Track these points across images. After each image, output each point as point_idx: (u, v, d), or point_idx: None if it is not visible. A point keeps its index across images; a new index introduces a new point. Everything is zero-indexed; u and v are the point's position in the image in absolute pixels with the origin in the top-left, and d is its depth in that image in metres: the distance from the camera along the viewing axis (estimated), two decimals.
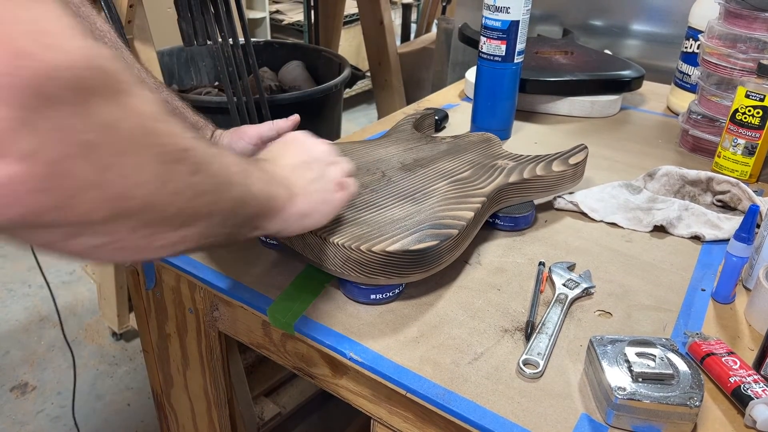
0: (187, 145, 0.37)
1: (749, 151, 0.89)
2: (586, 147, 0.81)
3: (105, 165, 0.31)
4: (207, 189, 0.40)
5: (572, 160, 0.78)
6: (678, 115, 1.10)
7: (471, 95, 1.09)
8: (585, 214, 0.80)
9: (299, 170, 0.55)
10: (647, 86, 1.27)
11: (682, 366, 0.51)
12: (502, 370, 0.55)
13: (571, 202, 0.81)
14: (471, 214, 0.65)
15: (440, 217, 0.64)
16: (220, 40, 1.34)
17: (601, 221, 0.79)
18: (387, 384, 0.55)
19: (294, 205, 0.52)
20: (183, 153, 0.37)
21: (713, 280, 0.68)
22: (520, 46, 0.93)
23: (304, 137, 0.60)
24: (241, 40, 1.45)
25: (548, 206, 0.82)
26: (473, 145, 0.83)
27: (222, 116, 1.47)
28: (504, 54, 0.93)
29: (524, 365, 0.55)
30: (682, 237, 0.76)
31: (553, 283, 0.66)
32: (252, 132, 0.74)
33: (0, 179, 0.27)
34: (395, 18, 3.15)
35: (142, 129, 0.33)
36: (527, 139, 1.03)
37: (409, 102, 2.18)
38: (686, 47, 1.13)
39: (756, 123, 0.86)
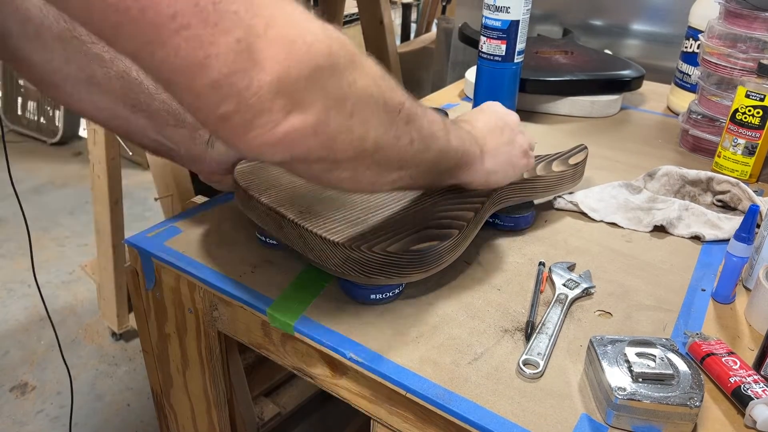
0: (402, 99, 0.47)
1: (749, 150, 0.89)
2: (586, 147, 0.81)
3: (351, 113, 0.42)
4: (418, 137, 0.49)
5: (572, 160, 0.78)
6: (678, 114, 1.10)
7: (471, 95, 1.09)
8: (585, 214, 0.80)
9: (492, 133, 0.64)
10: (647, 86, 1.27)
11: (682, 366, 0.51)
12: (502, 370, 0.55)
13: (571, 202, 0.81)
14: (471, 215, 0.65)
15: (440, 217, 0.64)
16: None
17: (601, 221, 0.79)
18: (387, 384, 0.54)
19: (484, 162, 0.62)
20: (400, 105, 0.47)
21: (713, 280, 0.68)
22: (520, 45, 0.93)
23: (500, 107, 0.68)
24: None
25: (548, 206, 0.82)
26: None
27: None
28: (504, 54, 0.93)
29: (524, 365, 0.55)
30: (682, 237, 0.76)
31: (553, 283, 0.66)
32: None
33: (291, 127, 0.39)
34: (395, 18, 3.15)
35: (372, 85, 0.44)
36: None
37: None
38: (686, 47, 1.13)
39: (756, 123, 0.86)
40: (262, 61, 0.36)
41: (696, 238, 0.76)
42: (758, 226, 0.69)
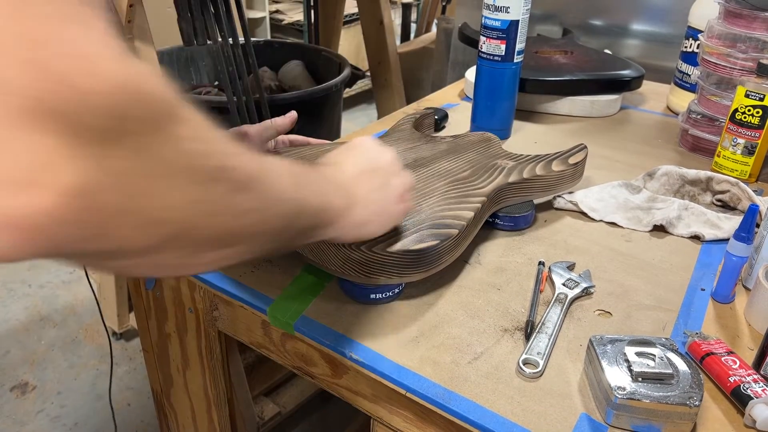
0: (232, 163, 0.35)
1: (749, 150, 0.89)
2: (585, 147, 0.81)
3: (138, 192, 0.29)
4: (252, 207, 0.37)
5: (572, 160, 0.78)
6: (678, 114, 1.10)
7: (471, 95, 1.09)
8: (585, 214, 0.80)
9: (362, 178, 0.54)
10: (647, 86, 1.27)
11: (681, 366, 0.51)
12: (501, 369, 0.55)
13: (570, 202, 0.81)
14: (471, 214, 0.65)
15: (440, 216, 0.64)
16: (220, 39, 1.34)
17: (601, 221, 0.79)
18: (387, 384, 0.55)
19: (351, 215, 0.51)
20: (226, 172, 0.34)
21: (713, 279, 0.68)
22: (519, 45, 0.93)
23: (372, 144, 0.58)
24: (241, 39, 1.45)
25: (548, 206, 0.82)
26: (473, 145, 0.83)
27: (222, 116, 1.47)
28: (504, 54, 0.93)
29: (524, 365, 0.55)
30: (682, 236, 0.76)
31: (552, 283, 0.66)
32: (252, 132, 0.74)
33: (27, 212, 0.25)
34: (395, 18, 3.15)
35: (185, 154, 0.31)
36: (527, 139, 1.03)
37: (409, 102, 2.18)
38: (686, 47, 1.13)
39: (755, 122, 0.86)
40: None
41: (696, 237, 0.76)
42: (758, 226, 0.69)
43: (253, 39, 1.98)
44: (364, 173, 0.54)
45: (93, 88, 0.26)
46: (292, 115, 0.77)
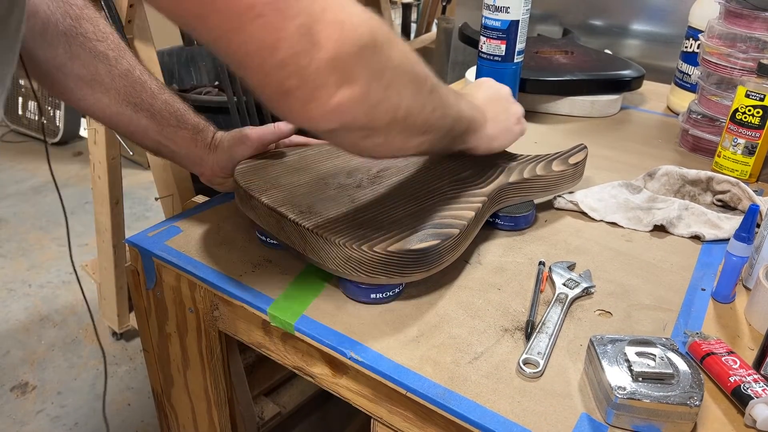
0: (426, 72, 0.53)
1: (749, 150, 0.89)
2: (585, 147, 0.81)
3: (388, 85, 0.48)
4: (439, 105, 0.56)
5: (572, 160, 0.78)
6: (678, 114, 1.10)
7: None
8: (585, 214, 0.80)
9: (490, 103, 0.72)
10: (647, 86, 1.27)
11: (682, 365, 0.51)
12: (502, 369, 0.55)
13: (571, 202, 0.81)
14: (472, 214, 0.65)
15: (441, 216, 0.64)
16: None
17: (601, 221, 0.79)
18: (387, 383, 0.55)
19: (487, 128, 0.69)
20: (425, 77, 0.53)
21: (713, 279, 0.68)
22: (519, 45, 0.93)
23: (493, 82, 0.77)
24: None
25: (548, 206, 0.82)
26: None
27: (222, 116, 1.47)
28: (504, 54, 0.93)
29: (524, 365, 0.55)
30: (682, 236, 0.76)
31: (553, 283, 0.66)
32: (253, 136, 0.75)
33: (342, 98, 0.44)
34: (395, 18, 3.15)
35: (404, 61, 0.49)
36: (527, 139, 1.03)
37: None
38: (686, 47, 1.13)
39: (756, 122, 0.86)
40: (320, 42, 0.42)
41: (696, 237, 0.76)
42: (758, 226, 0.69)
43: None
44: (491, 100, 0.73)
45: (363, 27, 0.44)
46: None
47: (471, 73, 1.20)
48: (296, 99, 0.44)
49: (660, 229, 0.77)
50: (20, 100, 2.92)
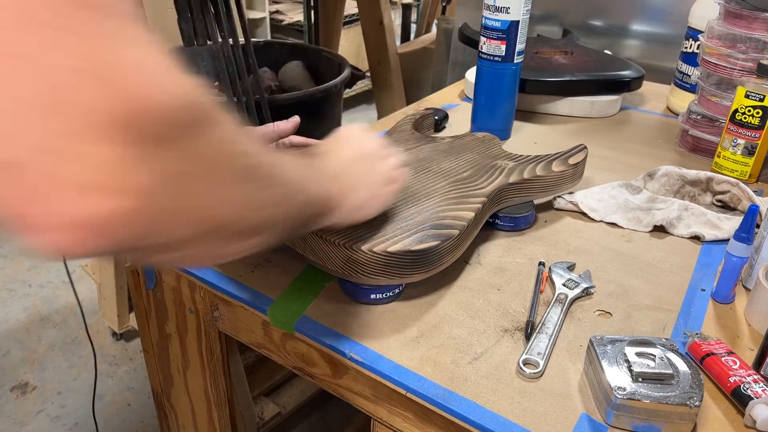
0: (257, 161, 0.39)
1: (749, 151, 0.89)
2: (585, 147, 0.81)
3: (190, 192, 0.33)
4: (274, 201, 0.42)
5: (572, 160, 0.78)
6: (678, 115, 1.10)
7: (471, 95, 1.09)
8: (585, 214, 0.80)
9: (351, 165, 0.57)
10: (647, 86, 1.27)
11: (681, 366, 0.51)
12: (502, 369, 0.55)
13: (571, 202, 0.81)
14: (472, 215, 0.65)
15: (441, 217, 0.64)
16: (220, 40, 1.35)
17: (601, 221, 0.79)
18: (387, 384, 0.55)
19: (347, 201, 0.54)
20: (254, 171, 0.39)
21: (713, 280, 0.68)
22: (520, 46, 0.93)
23: (357, 131, 0.62)
24: (241, 40, 1.46)
25: (548, 206, 0.82)
26: (473, 145, 0.83)
27: None
28: (504, 54, 0.93)
29: (524, 365, 0.55)
30: (682, 237, 0.76)
31: (553, 283, 0.66)
32: (254, 135, 0.74)
33: (100, 214, 0.28)
34: (395, 18, 3.15)
35: (221, 155, 0.35)
36: (527, 139, 1.03)
37: (409, 102, 2.18)
38: (686, 47, 1.13)
39: (756, 123, 0.87)
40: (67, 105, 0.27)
41: (696, 238, 0.76)
42: (758, 226, 0.69)
43: (253, 39, 1.98)
44: (352, 160, 0.57)
45: (153, 100, 0.29)
46: (295, 120, 0.77)
47: (471, 73, 1.20)
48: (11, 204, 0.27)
49: (660, 230, 0.77)
50: None
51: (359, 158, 0.58)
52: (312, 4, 2.40)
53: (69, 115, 0.26)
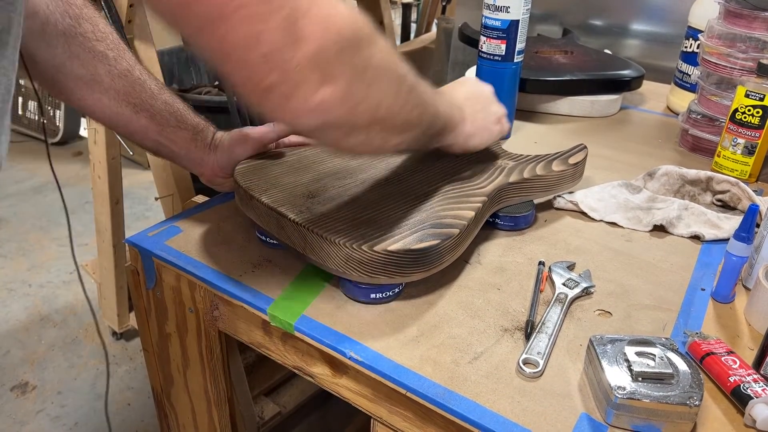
0: (406, 70, 0.53)
1: (749, 150, 0.89)
2: (585, 147, 0.81)
3: (370, 84, 0.48)
4: (418, 103, 0.56)
5: (572, 160, 0.78)
6: (678, 114, 1.10)
7: None
8: (585, 214, 0.80)
9: (469, 101, 0.72)
10: (647, 86, 1.27)
11: (681, 365, 0.51)
12: (501, 369, 0.55)
13: (571, 202, 0.81)
14: (472, 214, 0.65)
15: (441, 216, 0.64)
16: None
17: (601, 221, 0.79)
18: (387, 383, 0.55)
19: (464, 126, 0.69)
20: (404, 76, 0.53)
21: (713, 279, 0.68)
22: (520, 45, 0.93)
23: (474, 80, 0.78)
24: None
25: (548, 206, 0.82)
26: None
27: (222, 116, 1.47)
28: (504, 53, 0.93)
29: (524, 364, 0.55)
30: (682, 236, 0.76)
31: (552, 283, 0.66)
32: (253, 135, 0.75)
33: (323, 96, 0.44)
34: (395, 18, 3.15)
35: (385, 60, 0.49)
36: (527, 139, 1.03)
37: None
38: (686, 47, 1.13)
39: (756, 122, 0.86)
40: (303, 38, 0.41)
41: (696, 237, 0.76)
42: (758, 226, 0.69)
43: None
44: (470, 98, 0.73)
45: (346, 25, 0.44)
46: None
47: (471, 72, 1.20)
48: (277, 95, 0.44)
49: (660, 229, 0.77)
50: (20, 100, 2.92)
51: (476, 97, 0.74)
52: None
53: (304, 47, 0.42)
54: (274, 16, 0.40)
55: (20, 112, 2.92)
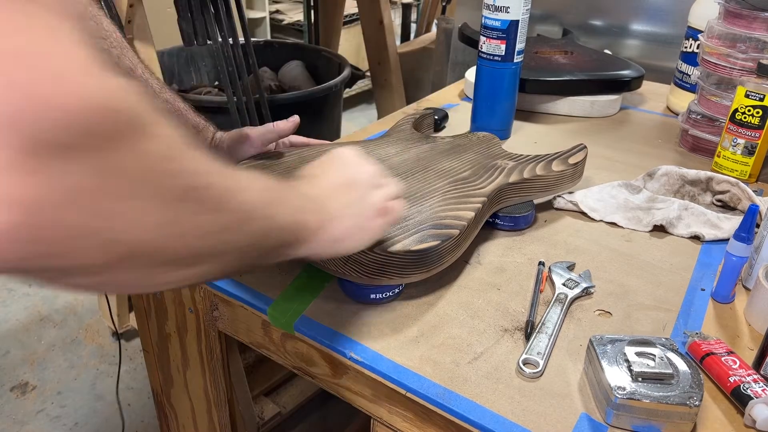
0: (202, 182, 0.34)
1: (749, 150, 0.89)
2: (585, 147, 0.81)
3: (103, 212, 0.28)
4: (221, 228, 0.37)
5: (572, 160, 0.78)
6: (678, 114, 1.10)
7: (471, 95, 1.09)
8: (585, 214, 0.80)
9: (338, 192, 0.52)
10: (647, 86, 1.27)
11: (681, 365, 0.51)
12: (501, 369, 0.55)
13: (570, 202, 0.81)
14: (472, 214, 0.65)
15: (441, 217, 0.64)
16: (220, 40, 1.35)
17: (601, 221, 0.79)
18: (387, 383, 0.55)
19: (325, 231, 0.49)
20: (194, 192, 0.34)
21: (713, 279, 0.68)
22: (519, 45, 0.93)
23: (352, 156, 0.56)
24: (241, 40, 1.46)
25: (548, 206, 0.82)
26: (473, 145, 0.83)
27: (222, 116, 1.47)
28: (504, 54, 0.93)
29: (524, 365, 0.55)
30: (682, 237, 0.76)
31: (552, 283, 0.66)
32: (253, 136, 0.75)
33: None
34: (395, 18, 3.15)
35: (149, 173, 0.30)
36: (527, 139, 1.03)
37: (409, 102, 2.18)
38: (686, 47, 1.13)
39: (756, 123, 0.87)
40: None
41: (696, 237, 0.76)
42: (758, 226, 0.69)
43: (253, 39, 1.98)
44: (340, 187, 0.53)
45: (55, 103, 0.25)
46: (295, 119, 0.77)
47: (471, 72, 1.20)
48: None
49: (660, 230, 0.77)
50: None
51: (349, 185, 0.53)
52: (312, 3, 2.40)
53: None
54: None
55: None
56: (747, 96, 0.86)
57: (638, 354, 0.52)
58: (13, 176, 0.24)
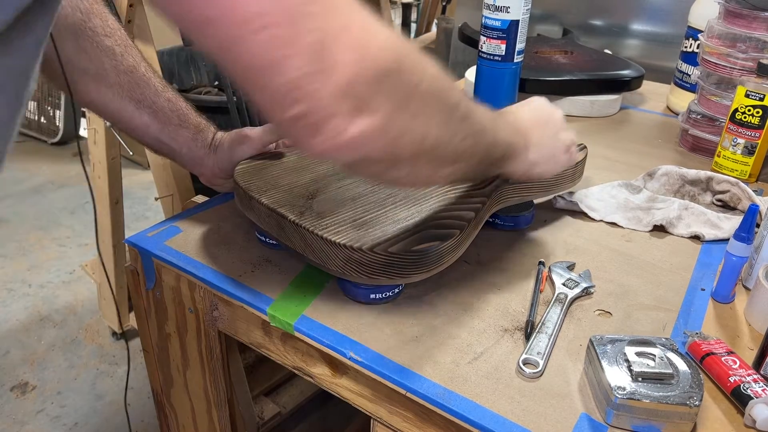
0: (458, 97, 0.48)
1: (749, 150, 0.89)
2: (585, 147, 0.81)
3: (414, 114, 0.43)
4: (471, 133, 0.50)
5: None
6: (678, 114, 1.10)
7: (471, 95, 1.09)
8: (585, 214, 0.80)
9: (537, 126, 0.64)
10: (647, 86, 1.27)
11: (681, 365, 0.51)
12: (501, 369, 0.55)
13: (570, 202, 0.81)
14: (472, 214, 0.65)
15: (441, 217, 0.64)
16: None
17: (601, 221, 0.79)
18: (387, 383, 0.55)
19: (528, 153, 0.62)
20: (457, 104, 0.48)
21: (713, 279, 0.68)
22: (519, 45, 0.93)
23: (544, 102, 0.69)
24: None
25: (548, 206, 0.82)
26: None
27: (222, 116, 1.47)
28: (504, 53, 0.93)
29: (524, 365, 0.55)
30: (682, 236, 0.76)
31: (552, 283, 0.66)
32: (253, 136, 0.75)
33: (358, 130, 0.40)
34: (395, 18, 3.15)
35: (433, 87, 0.45)
36: None
37: None
38: (686, 47, 1.13)
39: (756, 122, 0.86)
40: (334, 66, 0.37)
41: (696, 237, 0.76)
42: (758, 226, 0.69)
43: None
44: (537, 123, 0.65)
45: (388, 53, 0.40)
46: None
47: (471, 73, 1.20)
48: (305, 126, 0.39)
49: (660, 229, 0.77)
50: None
51: (545, 123, 0.66)
52: None
53: (335, 76, 0.38)
54: (301, 40, 0.36)
55: None
56: (747, 96, 0.86)
57: (638, 354, 0.52)
58: (371, 97, 0.40)
